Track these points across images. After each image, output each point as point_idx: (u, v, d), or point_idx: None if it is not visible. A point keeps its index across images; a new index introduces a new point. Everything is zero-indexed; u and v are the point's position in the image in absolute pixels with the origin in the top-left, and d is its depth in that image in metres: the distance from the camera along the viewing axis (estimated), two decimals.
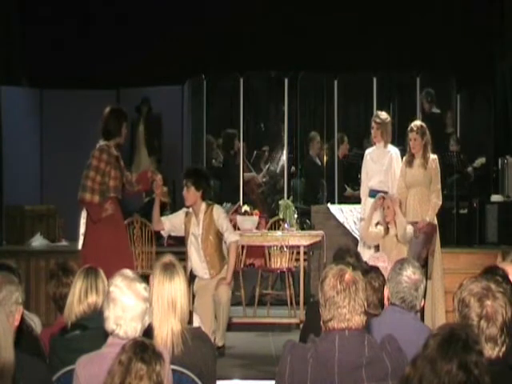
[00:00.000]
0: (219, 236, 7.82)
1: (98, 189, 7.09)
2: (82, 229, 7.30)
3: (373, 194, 8.38)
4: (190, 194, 7.72)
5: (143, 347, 2.95)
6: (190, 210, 7.85)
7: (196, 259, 7.83)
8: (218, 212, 7.81)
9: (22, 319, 4.11)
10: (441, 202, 8.16)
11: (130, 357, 2.91)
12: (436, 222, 8.11)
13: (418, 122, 8.34)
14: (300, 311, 8.83)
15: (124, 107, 7.69)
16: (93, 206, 7.13)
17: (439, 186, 8.21)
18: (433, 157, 8.14)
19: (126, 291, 3.47)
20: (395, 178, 8.36)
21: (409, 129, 8.19)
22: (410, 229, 7.59)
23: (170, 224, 7.94)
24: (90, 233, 7.29)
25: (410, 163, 8.14)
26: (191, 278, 7.74)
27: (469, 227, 10.46)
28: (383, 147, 8.50)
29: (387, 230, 7.56)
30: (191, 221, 7.82)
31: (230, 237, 7.81)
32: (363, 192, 8.67)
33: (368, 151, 8.70)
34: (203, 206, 7.77)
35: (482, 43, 12.12)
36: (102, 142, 7.19)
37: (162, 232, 8.06)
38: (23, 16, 12.44)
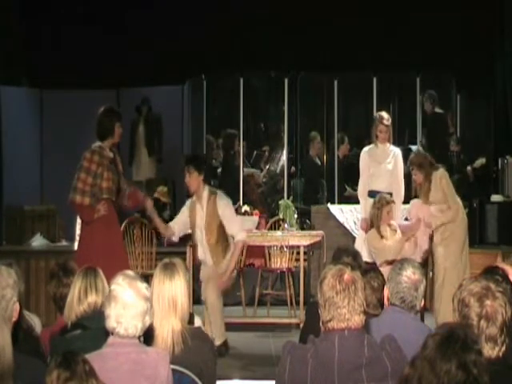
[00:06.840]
0: (222, 225, 7.84)
1: (88, 190, 7.07)
2: (79, 230, 7.28)
3: (373, 194, 8.37)
4: (193, 178, 7.76)
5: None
6: (194, 198, 7.86)
7: (200, 249, 7.89)
8: (222, 204, 7.83)
9: (23, 319, 4.12)
10: (455, 220, 8.06)
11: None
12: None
13: (413, 159, 8.14)
14: (300, 311, 8.82)
15: (124, 107, 7.68)
16: (83, 207, 7.11)
17: (457, 199, 8.10)
18: (436, 174, 8.01)
19: (128, 289, 3.48)
20: (401, 178, 8.38)
21: (408, 164, 8.18)
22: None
23: (178, 224, 7.96)
24: (84, 234, 7.29)
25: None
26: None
27: (469, 227, 10.44)
28: (385, 147, 8.48)
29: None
30: (196, 209, 7.83)
31: (239, 235, 7.85)
32: (361, 193, 8.57)
33: (366, 150, 8.57)
34: (206, 192, 7.81)
35: (482, 43, 12.10)
36: (96, 144, 7.21)
37: (173, 237, 8.04)
38: (23, 16, 12.44)
